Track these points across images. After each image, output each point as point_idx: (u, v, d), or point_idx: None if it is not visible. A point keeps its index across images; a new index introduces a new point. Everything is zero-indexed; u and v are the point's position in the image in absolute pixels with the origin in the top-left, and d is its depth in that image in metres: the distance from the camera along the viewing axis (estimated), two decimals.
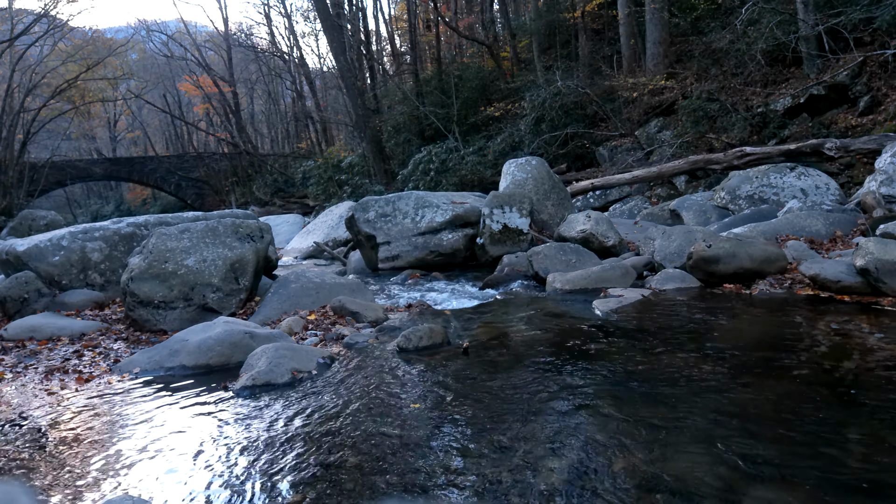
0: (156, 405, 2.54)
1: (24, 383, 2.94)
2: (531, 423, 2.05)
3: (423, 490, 1.66)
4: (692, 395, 2.20)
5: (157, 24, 35.89)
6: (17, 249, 4.69)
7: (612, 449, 1.81)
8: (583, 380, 2.46)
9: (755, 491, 1.53)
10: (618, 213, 9.39)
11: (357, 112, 17.43)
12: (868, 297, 3.45)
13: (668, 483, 1.59)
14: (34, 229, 9.59)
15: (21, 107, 21.34)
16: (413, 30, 20.08)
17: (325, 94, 30.06)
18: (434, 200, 6.75)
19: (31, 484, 1.83)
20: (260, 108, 37.11)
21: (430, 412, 2.23)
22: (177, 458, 1.98)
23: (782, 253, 4.22)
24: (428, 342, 3.13)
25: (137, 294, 3.97)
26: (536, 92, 12.90)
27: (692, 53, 11.48)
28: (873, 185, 5.64)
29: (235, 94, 29.47)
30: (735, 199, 7.05)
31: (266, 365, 2.75)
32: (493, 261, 5.97)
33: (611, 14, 14.53)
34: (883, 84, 8.36)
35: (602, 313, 3.66)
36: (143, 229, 5.13)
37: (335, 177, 17.76)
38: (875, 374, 2.29)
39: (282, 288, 4.41)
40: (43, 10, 21.24)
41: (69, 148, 34.49)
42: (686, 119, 10.42)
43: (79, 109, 25.80)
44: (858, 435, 1.81)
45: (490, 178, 12.51)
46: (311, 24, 38.87)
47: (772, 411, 2.01)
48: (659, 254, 4.87)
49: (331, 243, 9.36)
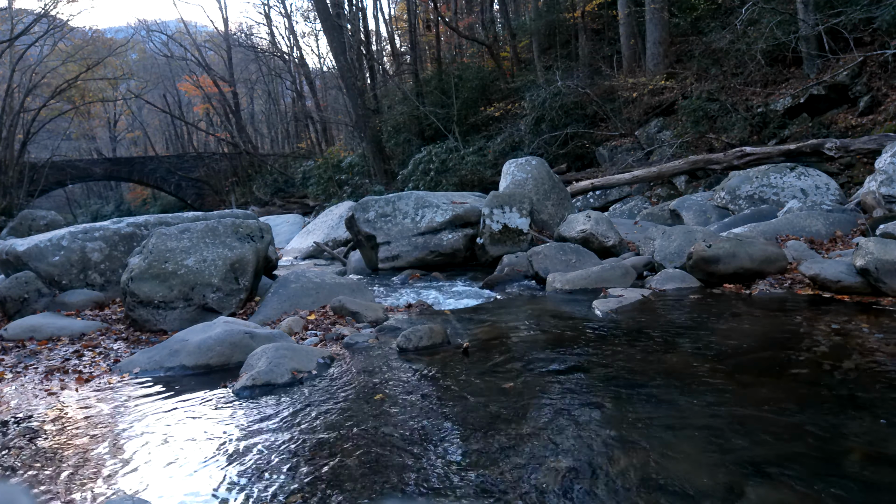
0: (156, 405, 2.54)
1: (24, 383, 2.94)
2: (531, 422, 2.05)
3: (423, 490, 1.66)
4: (692, 396, 2.20)
5: (157, 24, 35.94)
6: (17, 249, 4.69)
7: (613, 449, 1.81)
8: (583, 380, 2.46)
9: (755, 491, 1.53)
10: (618, 213, 9.39)
11: (357, 112, 17.43)
12: (868, 297, 3.45)
13: (669, 483, 1.59)
14: (34, 229, 9.59)
15: (21, 107, 21.35)
16: (413, 30, 20.08)
17: (325, 94, 30.07)
18: (434, 200, 6.75)
19: (31, 484, 1.83)
20: (260, 108, 37.12)
21: (430, 412, 2.23)
22: (177, 457, 1.98)
23: (782, 253, 4.22)
24: (428, 342, 3.13)
25: (137, 294, 3.97)
26: (536, 92, 12.90)
27: (692, 53, 11.48)
28: (873, 185, 5.64)
29: (235, 94, 29.48)
30: (735, 199, 7.05)
31: (266, 365, 2.75)
32: (493, 261, 5.97)
33: (611, 14, 14.53)
34: (883, 84, 8.36)
35: (602, 313, 3.66)
36: (143, 229, 5.13)
37: (335, 177, 17.78)
38: (875, 374, 2.29)
39: (282, 288, 4.41)
40: (43, 10, 21.26)
41: (69, 148, 34.50)
42: (686, 119, 10.42)
43: (79, 109, 25.81)
44: (859, 435, 1.81)
45: (490, 178, 12.51)
46: (311, 24, 38.94)
47: (772, 411, 2.01)
48: (659, 254, 4.87)
49: (331, 243, 9.37)
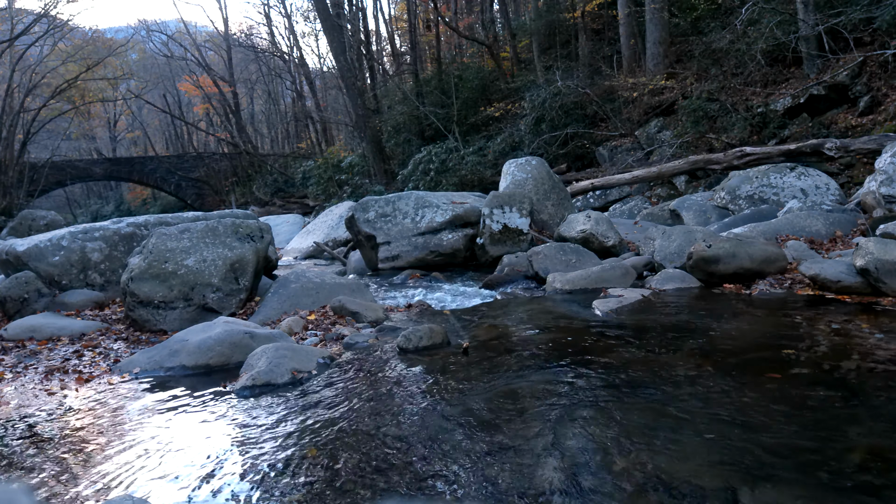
0: (156, 405, 2.54)
1: (24, 383, 2.94)
2: (531, 422, 2.05)
3: (423, 490, 1.66)
4: (692, 396, 2.20)
5: (157, 24, 35.95)
6: (17, 249, 4.69)
7: (613, 449, 1.81)
8: (583, 380, 2.46)
9: (755, 491, 1.53)
10: (618, 213, 9.40)
11: (357, 112, 17.43)
12: (868, 297, 3.45)
13: (669, 483, 1.59)
14: (34, 229, 9.57)
15: (21, 107, 21.36)
16: (413, 30, 20.09)
17: (325, 94, 30.07)
18: (434, 200, 6.74)
19: (31, 484, 1.83)
20: (260, 108, 37.13)
21: (430, 412, 2.23)
22: (177, 457, 1.98)
23: (782, 253, 4.22)
24: (428, 342, 3.13)
25: (137, 294, 3.97)
26: (536, 92, 12.90)
27: (692, 53, 11.48)
28: (873, 185, 5.64)
29: (235, 94, 29.49)
30: (735, 199, 7.05)
31: (266, 365, 2.75)
32: (493, 261, 5.97)
33: (611, 14, 14.53)
34: (883, 84, 8.36)
35: (602, 313, 3.66)
36: (143, 229, 5.13)
37: (335, 177, 17.77)
38: (875, 374, 2.29)
39: (282, 288, 4.41)
40: (43, 10, 21.28)
41: (69, 148, 34.52)
42: (686, 119, 10.42)
43: (79, 109, 25.83)
44: (859, 435, 1.81)
45: (490, 178, 12.51)
46: (311, 24, 38.92)
47: (772, 411, 2.01)
48: (659, 254, 4.87)
49: (331, 243, 9.36)
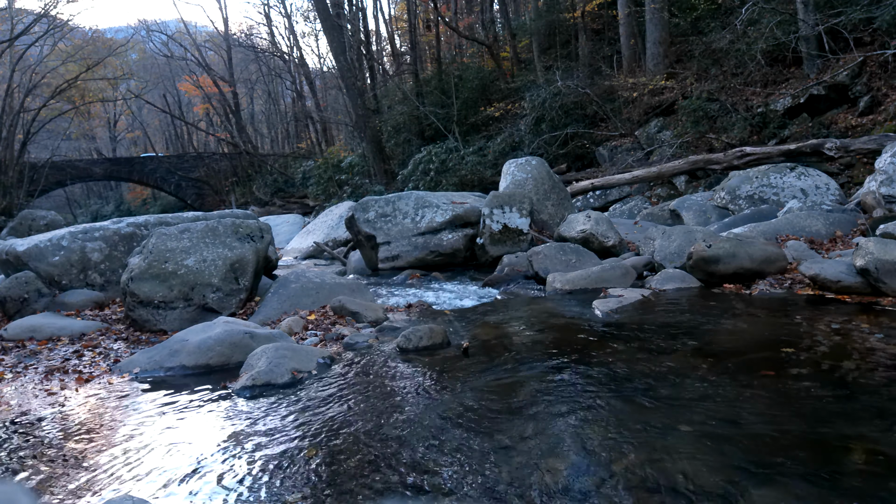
0: (156, 405, 2.54)
1: (24, 383, 2.94)
2: (531, 423, 2.05)
3: (424, 490, 1.66)
4: (692, 396, 2.20)
5: (157, 24, 35.96)
6: (17, 249, 4.69)
7: (613, 449, 1.81)
8: (583, 380, 2.46)
9: (755, 491, 1.53)
10: (618, 213, 9.40)
11: (357, 112, 17.44)
12: (868, 297, 3.45)
13: (669, 483, 1.59)
14: (34, 229, 9.57)
15: (21, 107, 21.37)
16: (413, 30, 20.09)
17: (325, 94, 30.08)
18: (434, 200, 6.74)
19: (31, 484, 1.83)
20: (260, 108, 37.15)
21: (430, 412, 2.23)
22: (177, 458, 1.98)
23: (782, 253, 4.22)
24: (428, 342, 3.13)
25: (137, 294, 3.97)
26: (536, 92, 12.90)
27: (692, 53, 11.48)
28: (873, 185, 5.64)
29: (235, 94, 29.50)
30: (735, 199, 7.05)
31: (266, 365, 2.75)
32: (493, 261, 5.97)
33: (611, 14, 14.53)
34: (883, 84, 8.36)
35: (602, 313, 3.65)
36: (143, 229, 5.13)
37: (335, 177, 17.78)
38: (875, 374, 2.29)
39: (282, 288, 4.41)
40: (43, 10, 21.29)
41: (69, 148, 34.54)
42: (686, 119, 10.42)
43: (79, 109, 25.84)
44: (859, 435, 1.80)
45: (490, 178, 12.51)
46: (311, 24, 38.92)
47: (772, 411, 2.01)
48: (659, 254, 4.87)
49: (331, 243, 9.36)
